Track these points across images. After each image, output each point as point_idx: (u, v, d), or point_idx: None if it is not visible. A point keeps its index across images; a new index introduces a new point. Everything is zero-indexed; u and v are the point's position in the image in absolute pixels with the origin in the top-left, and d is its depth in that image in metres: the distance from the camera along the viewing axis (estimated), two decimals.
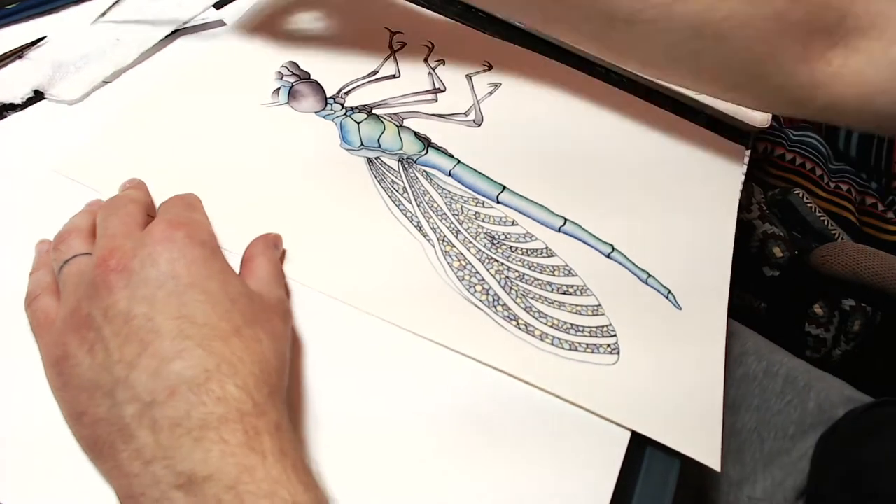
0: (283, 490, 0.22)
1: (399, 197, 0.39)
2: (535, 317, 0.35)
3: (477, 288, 0.36)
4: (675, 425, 0.33)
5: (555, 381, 0.33)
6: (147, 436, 0.22)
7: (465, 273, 0.36)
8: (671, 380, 0.35)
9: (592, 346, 0.35)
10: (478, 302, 0.35)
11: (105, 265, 0.26)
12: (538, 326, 0.35)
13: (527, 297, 0.36)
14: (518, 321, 0.35)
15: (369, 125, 0.43)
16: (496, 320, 0.35)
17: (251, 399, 0.23)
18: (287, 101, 0.42)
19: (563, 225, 0.40)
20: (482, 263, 0.37)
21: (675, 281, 0.40)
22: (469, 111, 0.46)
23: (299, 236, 0.35)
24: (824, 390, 0.56)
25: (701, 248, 0.42)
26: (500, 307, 0.35)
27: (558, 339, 0.35)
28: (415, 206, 0.39)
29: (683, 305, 0.39)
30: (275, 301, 0.29)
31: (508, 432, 0.32)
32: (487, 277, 0.36)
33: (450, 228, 0.38)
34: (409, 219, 0.38)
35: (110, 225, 0.29)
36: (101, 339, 0.24)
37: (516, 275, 0.37)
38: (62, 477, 0.25)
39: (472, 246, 0.37)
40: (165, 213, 0.30)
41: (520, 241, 0.39)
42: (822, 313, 0.78)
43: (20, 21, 0.43)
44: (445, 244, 0.37)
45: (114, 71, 0.41)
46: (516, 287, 0.36)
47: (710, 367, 0.36)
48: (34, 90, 0.38)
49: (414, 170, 0.41)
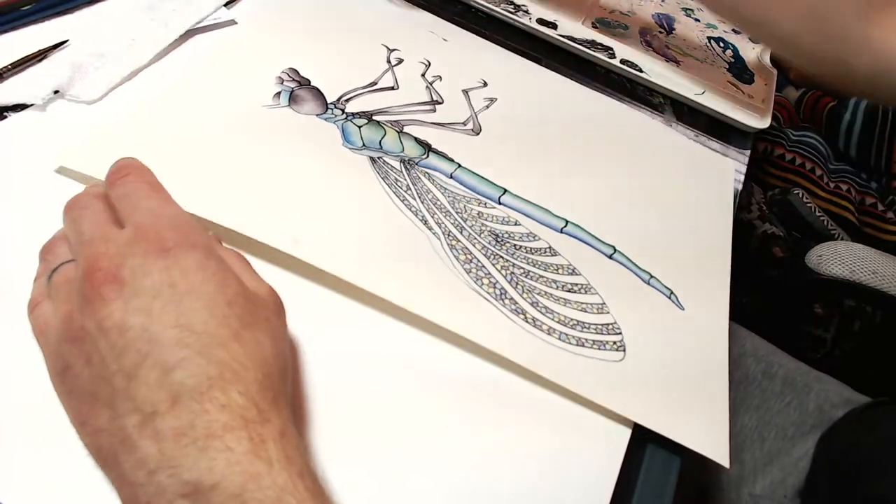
0: (290, 497, 0.22)
1: (403, 193, 0.39)
2: (542, 312, 0.35)
3: (484, 281, 0.36)
4: (685, 422, 0.33)
5: (567, 375, 0.33)
6: (150, 446, 0.22)
7: (472, 266, 0.36)
8: (678, 378, 0.35)
9: (599, 343, 0.35)
10: (486, 294, 0.35)
11: (93, 277, 0.25)
12: (546, 321, 0.35)
13: (533, 292, 0.36)
14: (526, 315, 0.35)
15: (370, 129, 0.43)
16: (505, 313, 0.35)
17: (255, 406, 0.23)
18: (288, 104, 0.43)
19: (564, 226, 0.41)
20: (488, 259, 0.37)
21: (676, 282, 0.40)
22: (467, 121, 0.47)
23: (307, 224, 0.35)
24: (823, 392, 0.56)
25: (700, 249, 0.43)
26: (508, 300, 0.35)
27: (566, 335, 0.35)
28: (419, 203, 0.39)
29: (686, 306, 0.39)
30: (267, 296, 0.28)
31: (509, 431, 0.32)
32: (493, 272, 0.36)
33: (454, 225, 0.38)
34: (414, 213, 0.38)
35: (84, 228, 0.27)
36: (97, 351, 0.24)
37: (521, 271, 0.37)
38: (63, 477, 0.25)
39: (476, 242, 0.38)
40: (136, 209, 0.27)
41: (523, 240, 0.39)
42: (823, 313, 0.78)
43: (36, 22, 0.43)
44: (451, 238, 0.37)
45: (130, 71, 0.42)
46: (522, 283, 0.36)
47: (716, 366, 0.37)
48: (54, 91, 0.39)
49: (416, 171, 0.41)
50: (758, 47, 0.71)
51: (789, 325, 0.77)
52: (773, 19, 0.46)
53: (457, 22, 0.57)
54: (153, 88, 0.41)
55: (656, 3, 0.73)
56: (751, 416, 0.55)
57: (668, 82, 0.58)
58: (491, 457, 0.31)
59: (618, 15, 0.68)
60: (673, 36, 0.68)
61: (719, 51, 0.68)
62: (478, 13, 0.60)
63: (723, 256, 0.43)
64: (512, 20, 0.59)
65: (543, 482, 0.30)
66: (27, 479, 0.25)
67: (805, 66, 0.49)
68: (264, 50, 0.46)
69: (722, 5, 0.54)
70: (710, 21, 0.74)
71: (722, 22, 0.75)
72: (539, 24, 0.59)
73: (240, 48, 0.46)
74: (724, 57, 0.67)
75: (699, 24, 0.73)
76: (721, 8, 0.54)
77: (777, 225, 0.85)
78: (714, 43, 0.69)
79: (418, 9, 0.57)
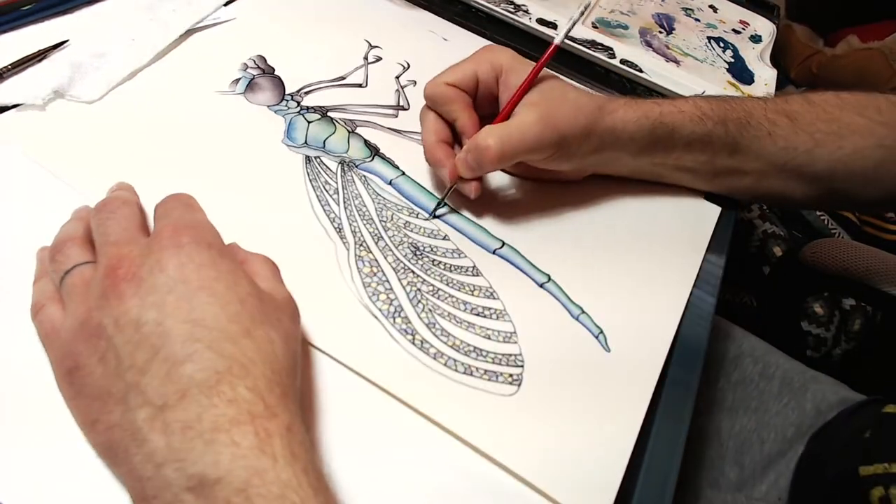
0: (293, 494, 0.22)
1: (328, 197, 0.38)
2: (436, 334, 0.33)
3: (381, 297, 0.34)
4: (562, 474, 0.30)
5: (433, 403, 0.31)
6: (159, 439, 0.22)
7: (374, 280, 0.35)
8: (575, 425, 0.32)
9: (491, 374, 0.33)
10: (376, 311, 0.34)
11: (114, 274, 0.25)
12: (435, 344, 0.33)
13: (434, 312, 0.34)
14: (414, 336, 0.33)
15: (320, 125, 0.43)
16: (390, 332, 0.33)
17: (262, 401, 0.23)
18: (244, 91, 0.43)
19: (499, 248, 0.39)
20: (395, 273, 0.36)
21: (610, 322, 0.36)
22: None
23: (219, 218, 0.31)
24: (820, 391, 0.56)
25: (649, 295, 0.39)
26: (400, 319, 0.34)
27: (453, 360, 0.33)
28: (341, 209, 0.38)
29: (613, 349, 0.35)
30: (283, 300, 0.29)
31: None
32: (396, 287, 0.35)
33: (372, 234, 0.37)
34: (332, 220, 0.37)
35: (110, 231, 0.28)
36: (112, 348, 0.24)
37: (430, 289, 0.35)
38: (63, 477, 0.25)
39: (390, 254, 0.36)
40: (166, 217, 0.29)
41: (445, 256, 0.37)
42: (823, 312, 0.79)
43: (36, 22, 0.43)
44: (362, 249, 0.36)
45: (130, 71, 0.42)
46: (426, 301, 0.35)
47: (625, 419, 0.33)
48: (54, 91, 0.39)
49: (353, 173, 0.40)
50: (758, 47, 0.71)
51: (789, 323, 0.77)
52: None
53: (457, 22, 0.57)
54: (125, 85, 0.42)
55: (656, 3, 0.73)
56: (749, 419, 0.55)
57: (668, 82, 0.58)
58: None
59: (618, 15, 0.68)
60: (673, 36, 0.68)
61: (719, 51, 0.68)
62: (478, 13, 0.60)
63: (674, 308, 0.39)
64: (512, 20, 0.59)
65: (544, 480, 0.30)
66: (27, 479, 0.25)
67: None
68: (243, 37, 0.47)
69: None
70: (710, 21, 0.74)
71: (722, 22, 0.75)
72: (539, 23, 0.59)
73: (220, 34, 0.46)
74: (724, 57, 0.67)
75: (699, 24, 0.73)
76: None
77: (777, 224, 0.85)
78: (714, 43, 0.69)
79: (418, 8, 0.57)
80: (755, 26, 0.76)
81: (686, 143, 0.42)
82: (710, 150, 0.42)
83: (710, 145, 0.42)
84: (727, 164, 0.43)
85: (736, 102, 0.43)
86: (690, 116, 0.41)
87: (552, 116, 0.37)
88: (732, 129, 0.42)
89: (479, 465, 0.30)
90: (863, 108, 0.43)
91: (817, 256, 0.66)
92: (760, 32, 0.75)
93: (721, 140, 0.42)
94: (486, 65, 0.40)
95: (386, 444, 0.29)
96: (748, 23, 0.77)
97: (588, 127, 0.38)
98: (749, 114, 0.42)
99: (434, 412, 0.30)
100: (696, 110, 0.42)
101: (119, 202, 0.31)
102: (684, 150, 0.42)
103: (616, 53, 0.60)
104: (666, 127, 0.41)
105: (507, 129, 0.37)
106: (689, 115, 0.41)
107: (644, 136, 0.41)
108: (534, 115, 0.37)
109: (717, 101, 0.43)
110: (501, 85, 0.40)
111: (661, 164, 0.43)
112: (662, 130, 0.41)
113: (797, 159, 0.43)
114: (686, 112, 0.41)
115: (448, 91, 0.39)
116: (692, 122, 0.41)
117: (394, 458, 0.29)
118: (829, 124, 0.43)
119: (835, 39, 1.23)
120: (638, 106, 0.40)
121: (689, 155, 0.43)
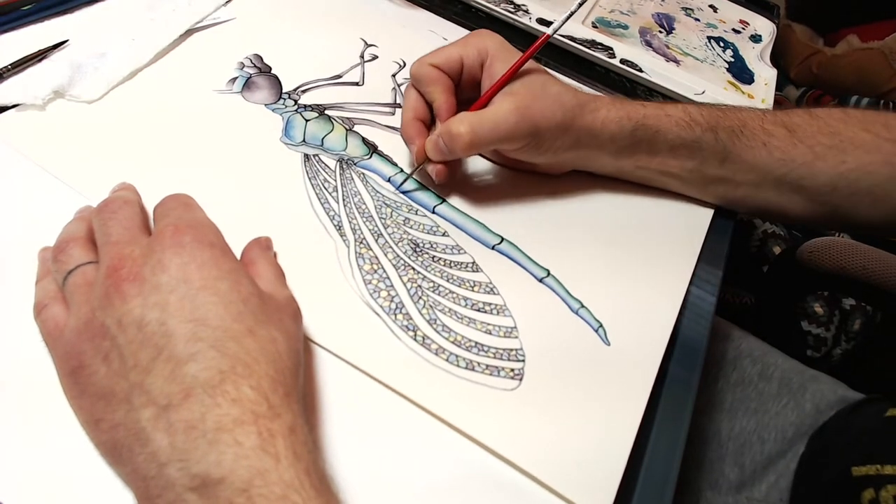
0: (295, 494, 0.22)
1: (327, 195, 0.38)
2: (437, 330, 0.33)
3: (382, 294, 0.34)
4: (565, 466, 0.30)
5: (435, 398, 0.31)
6: (162, 438, 0.22)
7: (374, 277, 0.35)
8: (577, 417, 0.32)
9: (493, 368, 0.33)
10: (377, 308, 0.34)
11: (116, 274, 0.25)
12: (437, 340, 0.33)
13: (434, 308, 0.34)
14: (416, 332, 0.33)
15: (317, 124, 0.43)
16: (392, 328, 0.33)
17: (266, 401, 0.23)
18: (241, 90, 0.43)
19: (498, 243, 0.39)
20: (396, 269, 0.36)
21: (609, 316, 0.36)
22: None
23: (221, 218, 0.31)
24: (819, 391, 0.56)
25: (647, 288, 0.39)
26: (401, 315, 0.34)
27: (455, 356, 0.33)
28: (340, 206, 0.38)
29: (613, 342, 0.35)
30: (284, 301, 0.29)
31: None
32: (397, 284, 0.35)
33: (371, 231, 0.37)
34: (331, 218, 0.37)
35: (112, 231, 0.28)
36: (116, 347, 0.24)
37: (430, 285, 0.35)
38: (63, 477, 0.25)
39: (390, 251, 0.36)
40: (166, 217, 0.29)
41: (445, 252, 0.37)
42: (823, 312, 0.79)
43: (36, 22, 0.43)
44: (362, 246, 0.36)
45: (130, 71, 0.42)
46: (426, 297, 0.35)
47: (626, 410, 0.33)
48: (53, 91, 0.39)
49: (351, 171, 0.40)
50: (758, 47, 0.71)
51: (789, 323, 0.77)
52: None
53: (457, 21, 0.57)
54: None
55: (656, 3, 0.73)
56: (749, 419, 0.55)
57: (668, 82, 0.58)
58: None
59: (618, 15, 0.68)
60: (673, 35, 0.68)
61: (719, 50, 0.68)
62: (478, 13, 0.60)
63: (672, 302, 0.39)
64: (512, 20, 0.59)
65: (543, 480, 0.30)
66: (29, 478, 0.25)
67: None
68: (243, 36, 0.47)
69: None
70: (710, 20, 0.74)
71: (722, 21, 0.75)
72: (539, 23, 0.59)
73: (220, 33, 0.46)
74: (724, 56, 0.67)
75: (699, 23, 0.73)
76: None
77: (777, 224, 0.85)
78: (714, 43, 0.69)
79: (418, 8, 0.57)
80: (755, 26, 0.76)
81: (670, 147, 0.41)
82: (699, 157, 0.42)
83: (698, 152, 0.41)
84: (718, 172, 0.42)
85: (731, 111, 0.42)
86: (677, 121, 0.41)
87: (529, 108, 0.37)
88: (723, 137, 0.41)
89: (483, 459, 0.30)
90: (869, 124, 0.42)
91: (815, 256, 0.66)
92: (760, 32, 0.75)
93: (710, 147, 0.41)
94: (472, 50, 0.40)
95: (389, 440, 0.29)
96: (748, 22, 0.77)
97: (565, 122, 0.38)
98: (743, 123, 0.42)
99: (437, 408, 0.30)
100: (684, 115, 0.41)
101: (121, 202, 0.30)
102: (669, 155, 0.42)
103: (616, 53, 0.60)
104: (648, 129, 0.40)
105: (480, 117, 0.37)
106: (676, 120, 0.41)
107: (625, 137, 0.40)
108: (510, 105, 0.37)
109: (710, 109, 0.42)
110: (485, 71, 0.40)
111: (645, 168, 0.43)
112: (644, 133, 0.40)
113: (796, 172, 0.42)
114: (673, 116, 0.41)
115: (431, 72, 0.39)
116: (678, 126, 0.41)
117: (397, 453, 0.29)
118: (832, 138, 0.42)
119: (835, 39, 1.24)
120: (622, 106, 0.40)
121: (675, 160, 0.42)
